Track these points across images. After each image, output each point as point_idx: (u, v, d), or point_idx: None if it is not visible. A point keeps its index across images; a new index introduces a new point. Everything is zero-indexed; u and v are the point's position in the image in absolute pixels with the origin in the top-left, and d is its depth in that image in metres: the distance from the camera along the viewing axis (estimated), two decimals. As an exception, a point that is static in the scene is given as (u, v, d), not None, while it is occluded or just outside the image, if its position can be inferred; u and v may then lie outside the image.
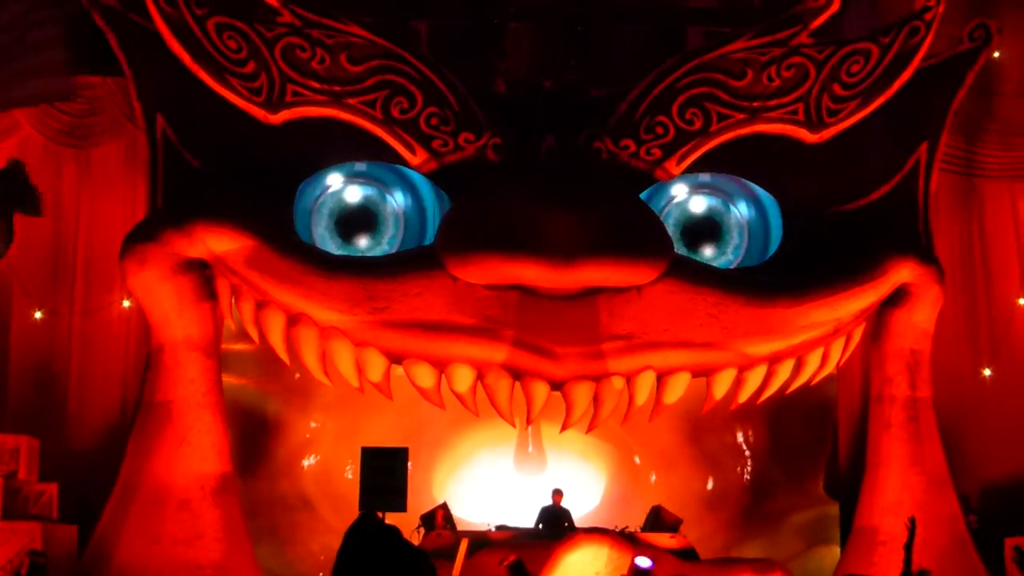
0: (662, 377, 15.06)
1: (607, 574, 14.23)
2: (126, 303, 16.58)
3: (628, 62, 17.14)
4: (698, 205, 16.19)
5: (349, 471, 16.94)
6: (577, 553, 14.40)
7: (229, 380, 15.85)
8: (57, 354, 16.90)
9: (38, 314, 16.87)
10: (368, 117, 15.12)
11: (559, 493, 16.25)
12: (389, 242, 15.77)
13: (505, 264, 14.41)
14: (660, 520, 15.97)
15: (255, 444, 17.19)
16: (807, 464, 17.72)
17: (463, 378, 14.86)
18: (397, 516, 15.09)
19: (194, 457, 14.72)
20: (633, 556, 12.79)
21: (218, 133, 15.24)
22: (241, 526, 14.86)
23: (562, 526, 15.78)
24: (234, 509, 14.85)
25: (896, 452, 15.68)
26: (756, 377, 15.34)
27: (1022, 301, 17.64)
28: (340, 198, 15.80)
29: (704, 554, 15.50)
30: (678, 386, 15.14)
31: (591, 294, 14.66)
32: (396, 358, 14.85)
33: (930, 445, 15.77)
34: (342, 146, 15.42)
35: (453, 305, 14.66)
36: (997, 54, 16.91)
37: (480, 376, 14.87)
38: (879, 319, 15.81)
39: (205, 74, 15.05)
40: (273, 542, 16.62)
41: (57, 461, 15.95)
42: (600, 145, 15.21)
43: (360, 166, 15.83)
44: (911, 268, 15.55)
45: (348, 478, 16.91)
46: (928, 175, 16.26)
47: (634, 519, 16.13)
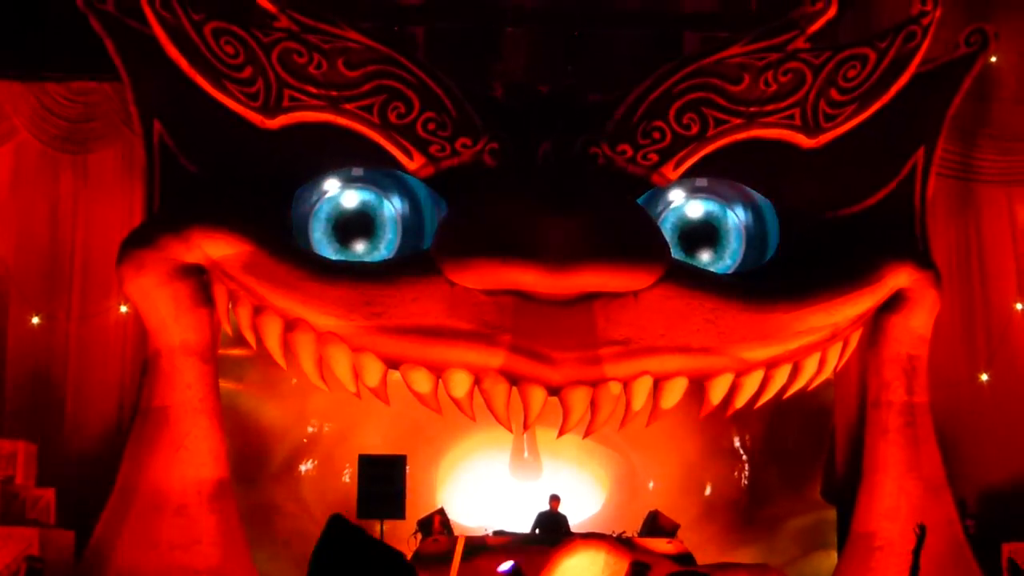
0: (659, 382, 15.05)
1: (604, 579, 14.25)
2: (123, 308, 16.55)
3: (625, 67, 17.16)
4: (695, 210, 16.18)
5: (346, 476, 16.95)
6: (574, 558, 14.40)
7: (226, 385, 15.85)
8: (54, 359, 16.88)
9: (35, 319, 16.85)
10: (365, 122, 15.12)
11: (556, 499, 16.24)
12: (387, 247, 15.75)
13: (502, 269, 14.41)
14: (657, 525, 15.97)
15: (252, 449, 17.20)
16: (804, 469, 17.72)
17: (460, 383, 14.85)
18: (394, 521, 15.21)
19: (191, 462, 14.71)
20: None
21: (215, 138, 15.24)
22: (238, 531, 14.85)
23: (559, 531, 15.78)
24: (231, 514, 14.84)
25: (893, 457, 15.67)
26: (753, 382, 15.33)
27: (1019, 306, 17.63)
28: (338, 203, 15.79)
29: (701, 559, 15.49)
30: (675, 391, 15.14)
31: (588, 299, 14.66)
32: (393, 363, 14.84)
33: (927, 450, 15.76)
34: (339, 151, 15.42)
35: (450, 310, 14.66)
36: (994, 59, 16.89)
37: (477, 381, 14.86)
38: (876, 324, 15.80)
39: (202, 79, 15.05)
40: (270, 547, 16.60)
41: (54, 466, 15.95)
42: (597, 150, 15.21)
43: (357, 171, 15.83)
44: (908, 273, 15.54)
45: (345, 482, 16.93)
46: (925, 180, 16.24)
47: (631, 524, 16.13)
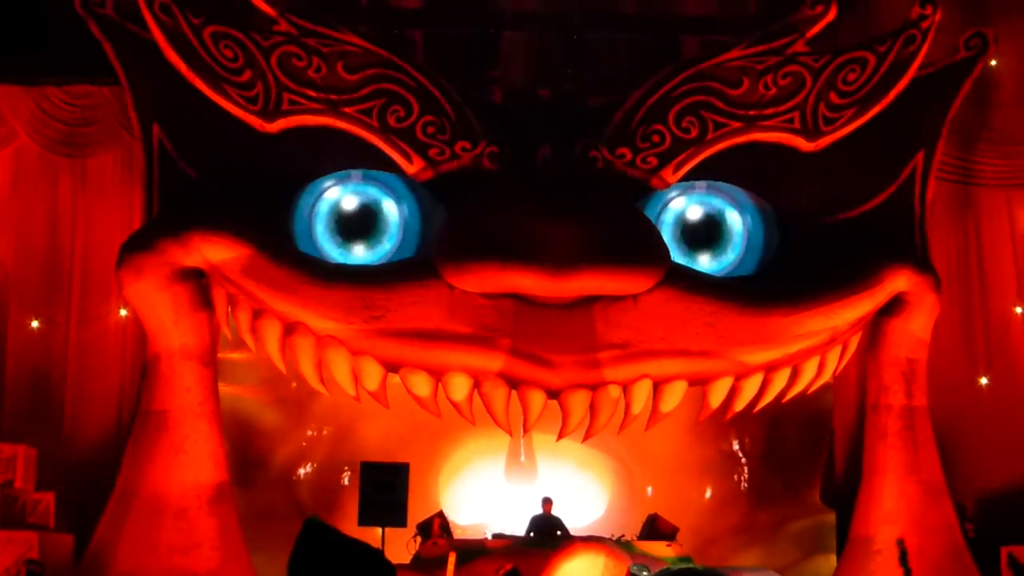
0: (658, 386, 15.03)
1: (603, 583, 14.25)
2: (123, 312, 16.57)
3: (624, 71, 17.18)
4: (694, 213, 16.17)
5: (346, 479, 16.95)
6: (574, 562, 14.40)
7: (225, 389, 15.84)
8: (54, 363, 16.89)
9: (35, 323, 16.87)
10: (364, 126, 15.12)
11: (549, 502, 16.24)
12: (390, 240, 15.69)
13: (502, 273, 14.40)
14: (656, 528, 15.97)
15: (252, 453, 17.20)
16: (803, 473, 17.72)
17: (460, 387, 14.84)
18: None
19: (191, 466, 14.69)
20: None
21: (214, 142, 15.23)
22: (238, 535, 14.84)
23: (555, 534, 15.78)
24: (231, 518, 14.84)
25: (892, 461, 15.66)
26: (752, 386, 15.31)
27: (1018, 310, 17.63)
28: (339, 202, 15.77)
29: (700, 563, 15.49)
30: (674, 395, 15.11)
31: (587, 303, 14.64)
32: (392, 367, 14.82)
33: (926, 454, 15.75)
34: (338, 155, 15.41)
35: (450, 314, 14.64)
36: (994, 63, 16.92)
37: (477, 385, 14.85)
38: (875, 328, 15.79)
39: (201, 83, 15.04)
40: (270, 551, 16.58)
41: (54, 470, 15.96)
42: (596, 154, 15.21)
43: (357, 174, 15.83)
44: (907, 277, 15.52)
45: (344, 486, 16.93)
46: (924, 184, 16.23)
47: (631, 528, 16.14)
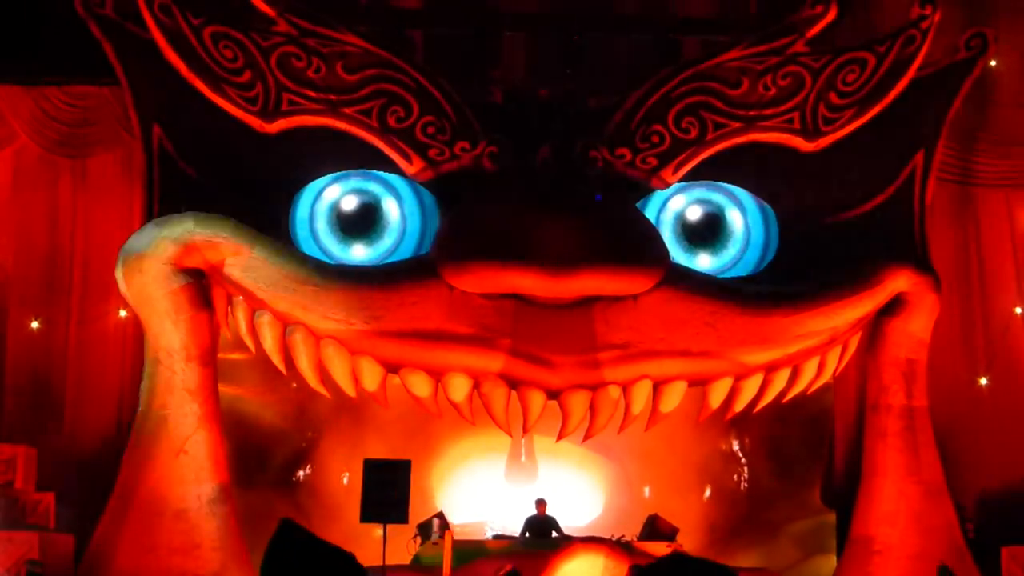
0: (658, 386, 15.03)
1: (603, 583, 14.25)
2: (122, 313, 16.55)
3: (624, 71, 17.17)
4: (694, 213, 16.17)
5: (345, 479, 16.94)
6: (574, 562, 14.41)
7: (225, 390, 15.82)
8: (54, 364, 16.86)
9: (35, 324, 16.84)
10: (364, 126, 15.13)
11: (543, 503, 16.24)
12: (385, 245, 15.71)
13: (501, 273, 14.40)
14: (656, 529, 15.96)
15: (251, 453, 17.18)
16: (804, 473, 17.69)
17: (459, 387, 14.84)
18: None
19: (191, 467, 14.69)
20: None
21: (214, 143, 15.25)
22: (238, 536, 14.83)
23: (550, 535, 15.78)
24: (231, 519, 14.83)
25: (892, 461, 15.67)
26: (752, 386, 15.31)
27: (1018, 310, 17.61)
28: (339, 202, 15.77)
29: (701, 563, 15.45)
30: (674, 395, 15.12)
31: (587, 303, 14.65)
32: (392, 367, 14.82)
33: (927, 454, 15.75)
34: (338, 155, 15.43)
35: (449, 314, 14.64)
36: (994, 63, 16.91)
37: (477, 385, 14.86)
38: (875, 328, 15.79)
39: (201, 84, 15.06)
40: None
41: (54, 470, 15.93)
42: (596, 154, 15.22)
43: (357, 174, 15.84)
44: (907, 277, 15.52)
45: (344, 486, 16.92)
46: (924, 184, 16.25)
47: (630, 528, 16.12)
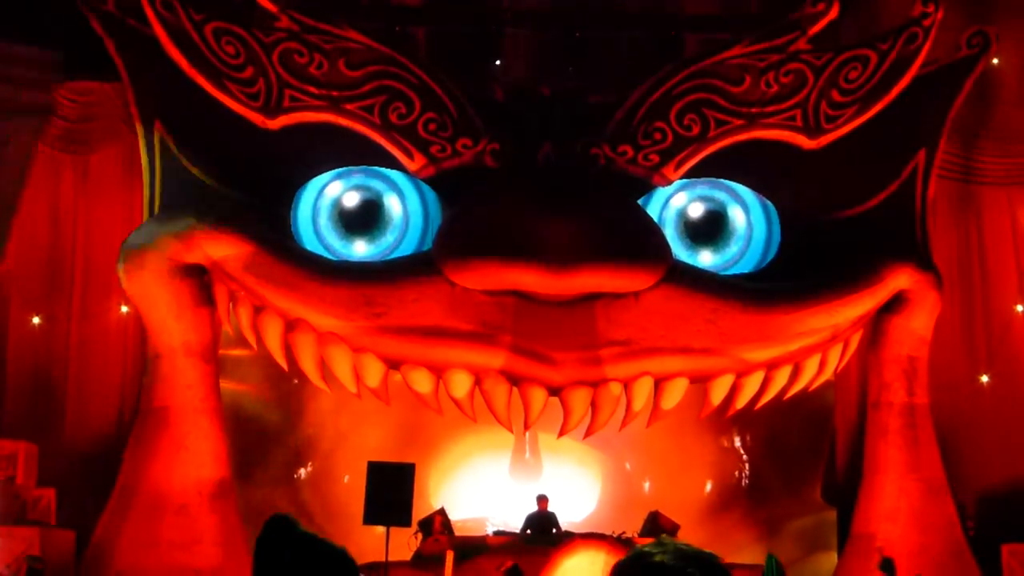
0: (660, 383, 15.04)
1: (604, 580, 14.25)
2: (124, 309, 16.55)
3: (626, 69, 17.17)
4: (695, 210, 16.16)
5: (346, 476, 16.95)
6: (574, 558, 14.41)
7: (227, 386, 15.85)
8: (55, 360, 16.87)
9: (36, 320, 16.85)
10: (366, 122, 15.12)
11: (544, 499, 16.23)
12: (386, 241, 15.69)
13: (503, 270, 14.40)
14: (657, 526, 15.96)
15: (253, 449, 17.19)
16: (805, 470, 17.72)
17: (461, 384, 14.85)
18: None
19: (192, 462, 14.72)
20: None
21: (216, 139, 15.25)
22: (239, 531, 14.85)
23: (551, 531, 15.79)
24: (232, 514, 14.85)
25: (893, 458, 15.68)
26: (754, 383, 15.33)
27: (1020, 308, 17.61)
28: (340, 199, 15.77)
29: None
30: (676, 392, 15.13)
31: (589, 300, 14.65)
32: (394, 364, 14.84)
33: (927, 451, 15.77)
34: (340, 151, 15.42)
35: (451, 311, 14.65)
36: (996, 61, 16.90)
37: (478, 382, 14.86)
38: (877, 325, 15.81)
39: (203, 79, 15.05)
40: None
41: (55, 467, 15.94)
42: (598, 151, 15.22)
43: (358, 170, 15.83)
44: (909, 275, 15.53)
45: (345, 483, 16.93)
46: (926, 182, 16.25)
47: (631, 525, 16.12)
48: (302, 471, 17.83)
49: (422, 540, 15.25)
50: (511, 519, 16.54)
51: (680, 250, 15.68)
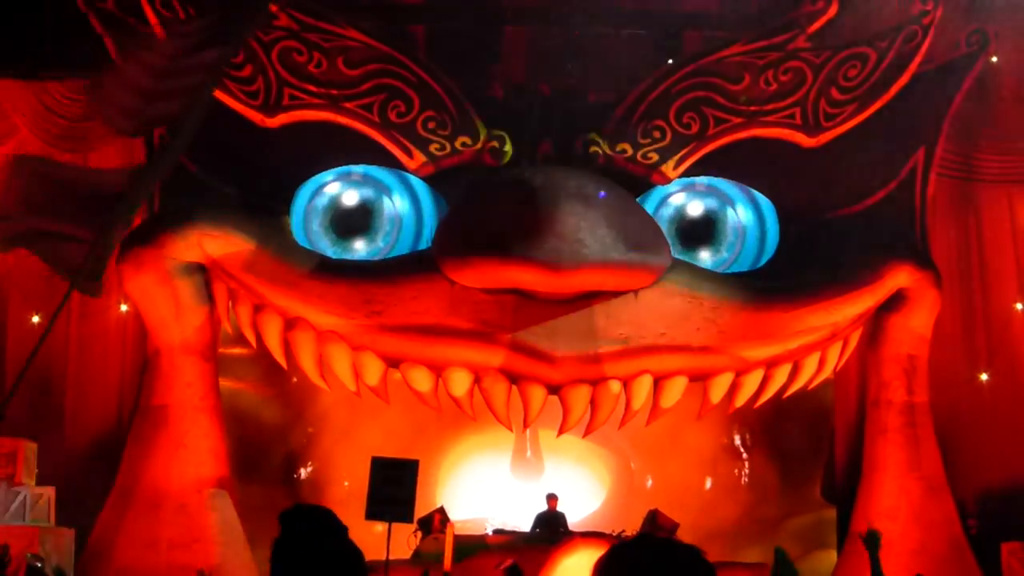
0: (659, 381, 15.05)
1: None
2: (123, 307, 16.55)
3: (625, 67, 17.13)
4: (695, 208, 16.14)
5: (346, 475, 16.94)
6: (574, 557, 14.38)
7: (226, 384, 15.86)
8: (54, 358, 16.84)
9: (35, 318, 16.84)
10: (365, 121, 15.13)
11: (554, 498, 16.23)
12: (384, 239, 15.69)
13: (502, 268, 14.40)
14: (657, 524, 15.93)
15: (252, 448, 17.18)
16: (804, 469, 17.71)
17: (460, 382, 14.85)
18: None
19: (191, 461, 14.74)
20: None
21: (215, 137, 15.22)
22: (238, 530, 14.87)
23: (558, 530, 15.78)
24: (231, 513, 14.87)
25: (893, 457, 15.69)
26: (753, 381, 15.34)
27: (1019, 306, 17.58)
28: (337, 198, 15.77)
29: (701, 559, 15.44)
30: (675, 390, 15.13)
31: (588, 298, 14.66)
32: (393, 362, 14.85)
33: (927, 450, 15.77)
34: (339, 150, 15.43)
35: (450, 309, 14.66)
36: (995, 59, 16.89)
37: (477, 380, 14.87)
38: (876, 324, 15.81)
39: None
40: (270, 546, 16.56)
41: (54, 465, 15.92)
42: (597, 149, 15.23)
43: (357, 169, 15.83)
44: (908, 273, 15.54)
45: (345, 481, 16.92)
46: (925, 180, 16.26)
47: (631, 523, 16.11)
48: (301, 470, 17.82)
49: (421, 538, 15.24)
50: (512, 518, 16.54)
51: (678, 248, 15.68)
